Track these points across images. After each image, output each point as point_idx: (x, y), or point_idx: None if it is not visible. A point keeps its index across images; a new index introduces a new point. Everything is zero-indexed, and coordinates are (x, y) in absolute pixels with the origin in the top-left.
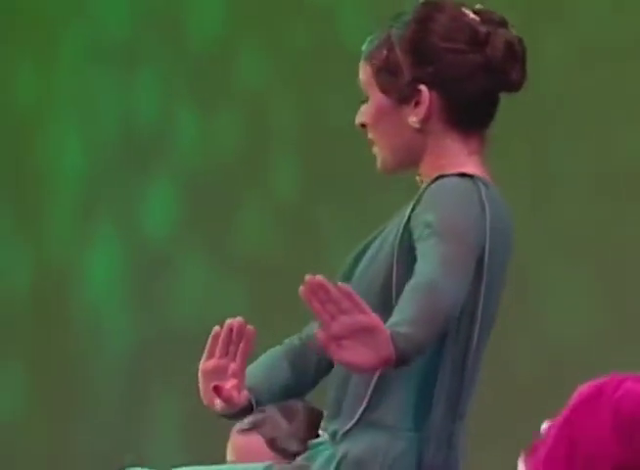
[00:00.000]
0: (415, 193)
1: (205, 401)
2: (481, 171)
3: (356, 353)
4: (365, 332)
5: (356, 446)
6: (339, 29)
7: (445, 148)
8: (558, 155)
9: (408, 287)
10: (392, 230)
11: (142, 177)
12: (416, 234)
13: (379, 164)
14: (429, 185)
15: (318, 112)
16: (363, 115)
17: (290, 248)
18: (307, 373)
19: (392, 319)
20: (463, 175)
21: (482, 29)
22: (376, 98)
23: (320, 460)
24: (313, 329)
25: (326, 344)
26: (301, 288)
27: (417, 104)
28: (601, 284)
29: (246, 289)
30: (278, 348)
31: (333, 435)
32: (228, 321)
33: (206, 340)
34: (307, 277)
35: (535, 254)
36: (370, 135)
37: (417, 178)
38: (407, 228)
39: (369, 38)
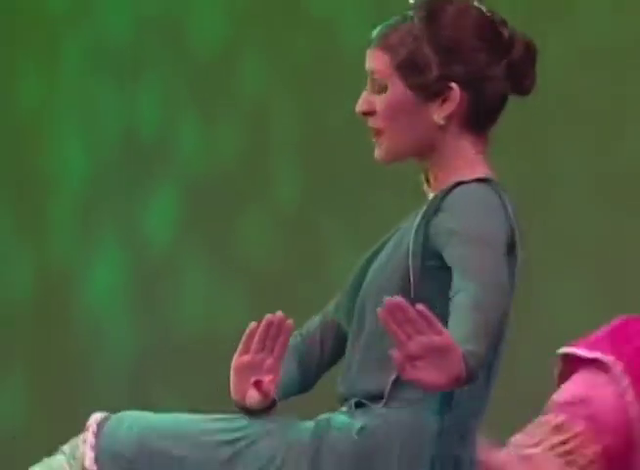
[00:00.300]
0: (416, 194)
1: (235, 395)
2: (491, 172)
3: (430, 373)
4: (440, 352)
5: (375, 420)
6: (339, 37)
7: (459, 148)
8: (558, 155)
9: (455, 306)
10: (408, 229)
11: (144, 181)
12: (440, 242)
13: (380, 152)
14: (447, 192)
15: (319, 118)
16: (370, 103)
17: (291, 252)
18: (311, 369)
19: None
20: (480, 180)
21: (505, 31)
22: (397, 90)
23: (337, 424)
24: (314, 324)
25: (401, 363)
26: (379, 309)
27: (444, 101)
28: (601, 284)
29: (247, 292)
30: None
31: (349, 407)
32: (267, 316)
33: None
34: (386, 299)
35: (535, 254)
36: (373, 124)
37: (422, 176)
38: (420, 229)
39: (382, 25)
